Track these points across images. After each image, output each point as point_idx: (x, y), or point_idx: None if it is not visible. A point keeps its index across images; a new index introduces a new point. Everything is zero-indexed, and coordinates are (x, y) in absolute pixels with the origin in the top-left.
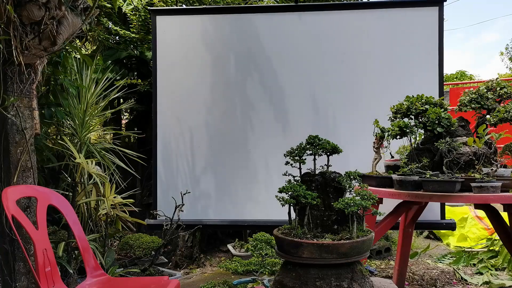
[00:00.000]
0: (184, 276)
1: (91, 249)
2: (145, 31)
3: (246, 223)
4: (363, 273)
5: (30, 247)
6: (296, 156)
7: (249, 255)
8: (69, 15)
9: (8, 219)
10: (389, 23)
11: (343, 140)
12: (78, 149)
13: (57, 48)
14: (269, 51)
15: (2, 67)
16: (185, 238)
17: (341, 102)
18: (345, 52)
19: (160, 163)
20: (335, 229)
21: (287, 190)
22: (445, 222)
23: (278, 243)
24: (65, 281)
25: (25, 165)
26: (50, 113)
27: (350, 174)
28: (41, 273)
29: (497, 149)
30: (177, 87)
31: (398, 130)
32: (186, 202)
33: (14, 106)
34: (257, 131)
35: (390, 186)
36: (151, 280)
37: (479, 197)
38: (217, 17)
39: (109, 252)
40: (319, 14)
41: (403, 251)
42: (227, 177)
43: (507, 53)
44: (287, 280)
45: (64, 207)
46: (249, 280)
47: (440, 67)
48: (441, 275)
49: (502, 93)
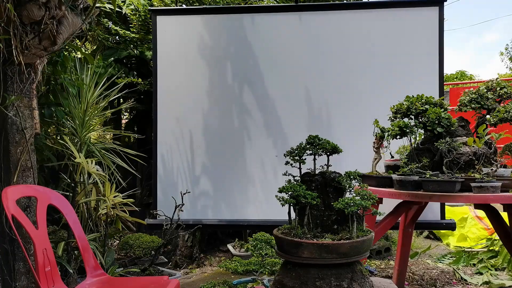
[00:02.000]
0: (184, 276)
1: (91, 249)
2: (145, 31)
3: (246, 223)
4: (363, 273)
5: (30, 246)
6: (296, 156)
7: (249, 255)
8: (69, 14)
9: (8, 219)
10: (389, 23)
11: (342, 140)
12: (78, 148)
13: (57, 47)
14: (270, 51)
15: (2, 67)
16: (185, 238)
17: (340, 102)
18: (345, 52)
19: (160, 163)
20: (335, 229)
21: (287, 190)
22: (445, 222)
23: (278, 243)
24: (65, 280)
25: (25, 164)
26: (50, 112)
27: (350, 174)
28: (41, 273)
29: (497, 149)
30: (177, 86)
31: (398, 130)
32: (186, 202)
33: (14, 105)
34: (258, 130)
35: (390, 186)
36: (151, 280)
37: (479, 197)
38: (217, 17)
39: (109, 251)
40: (319, 14)
41: (403, 251)
42: (227, 176)
43: (507, 53)
44: (287, 280)
45: (64, 207)
46: (249, 280)
47: (440, 67)
48: (441, 275)
49: (502, 93)
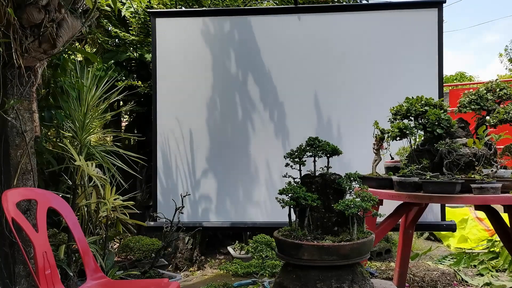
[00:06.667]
0: (184, 278)
1: (91, 252)
2: (145, 33)
3: (246, 225)
4: (363, 274)
5: (30, 249)
6: (296, 157)
7: (250, 257)
8: (69, 17)
9: (8, 222)
10: (388, 24)
11: (343, 141)
12: (78, 151)
13: (57, 50)
14: (269, 53)
15: (2, 70)
16: (185, 240)
17: (340, 103)
18: (345, 53)
19: (160, 165)
20: (336, 230)
21: (287, 192)
22: (445, 224)
23: (279, 245)
24: (65, 283)
25: (25, 167)
26: (50, 115)
27: (350, 176)
28: (41, 276)
29: (497, 150)
30: (177, 89)
31: (398, 132)
32: (186, 204)
33: (14, 109)
34: (257, 133)
35: (390, 187)
36: (151, 283)
37: (479, 198)
38: (217, 19)
39: (109, 254)
40: (318, 16)
41: (403, 253)
42: (227, 178)
43: (506, 54)
44: (287, 282)
45: (64, 210)
46: (249, 282)
47: (439, 68)
48: (441, 276)
49: (501, 94)
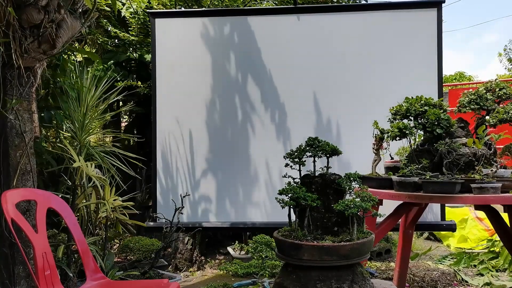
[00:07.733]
0: (184, 278)
1: (90, 252)
2: (144, 33)
3: (246, 225)
4: (363, 275)
5: (30, 250)
6: (296, 158)
7: (249, 257)
8: (69, 18)
9: (8, 223)
10: (388, 25)
11: (343, 141)
12: (78, 152)
13: (56, 51)
14: (268, 53)
15: (2, 71)
16: (185, 241)
17: (340, 103)
18: (344, 53)
19: (159, 166)
20: (335, 231)
21: (287, 192)
22: (445, 223)
23: (278, 245)
24: (64, 284)
25: (25, 168)
26: (50, 116)
27: (349, 176)
28: (40, 277)
29: (496, 150)
30: (177, 89)
31: (398, 132)
32: (186, 204)
33: (13, 109)
34: (256, 133)
35: (390, 187)
36: (151, 283)
37: (479, 198)
38: (216, 20)
39: (109, 255)
40: (318, 16)
41: (403, 253)
42: (227, 179)
43: (505, 54)
44: (287, 282)
45: (64, 210)
46: (249, 282)
47: (439, 68)
48: (441, 276)
49: (501, 94)
